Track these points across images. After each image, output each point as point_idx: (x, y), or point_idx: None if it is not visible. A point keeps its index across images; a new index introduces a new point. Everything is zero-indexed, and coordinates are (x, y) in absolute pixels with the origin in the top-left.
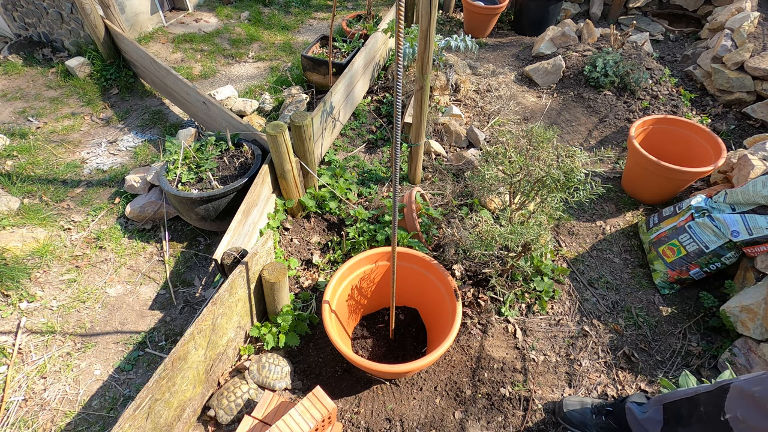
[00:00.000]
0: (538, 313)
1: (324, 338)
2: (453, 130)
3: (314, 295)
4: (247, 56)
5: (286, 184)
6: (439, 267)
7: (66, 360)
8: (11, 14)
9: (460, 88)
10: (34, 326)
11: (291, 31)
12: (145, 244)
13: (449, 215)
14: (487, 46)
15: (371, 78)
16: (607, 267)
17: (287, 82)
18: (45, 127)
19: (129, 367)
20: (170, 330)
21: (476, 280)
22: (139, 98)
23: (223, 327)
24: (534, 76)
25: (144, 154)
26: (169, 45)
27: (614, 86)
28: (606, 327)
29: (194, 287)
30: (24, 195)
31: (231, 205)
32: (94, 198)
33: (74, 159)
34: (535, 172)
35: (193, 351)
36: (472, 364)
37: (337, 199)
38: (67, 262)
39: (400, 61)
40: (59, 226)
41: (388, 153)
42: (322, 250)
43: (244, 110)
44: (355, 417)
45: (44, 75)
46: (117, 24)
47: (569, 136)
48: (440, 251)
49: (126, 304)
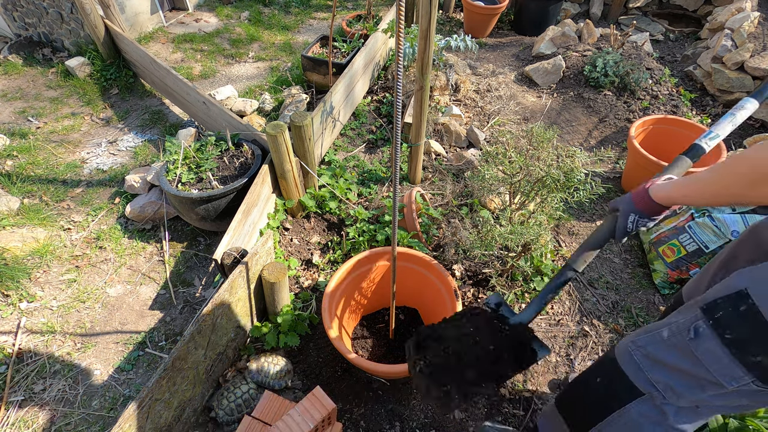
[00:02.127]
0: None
1: (324, 338)
2: (453, 130)
3: (314, 295)
4: (247, 56)
5: (286, 184)
6: (439, 267)
7: (66, 360)
8: (11, 14)
9: (460, 88)
10: (34, 326)
11: (291, 31)
12: (145, 244)
13: (449, 215)
14: (487, 46)
15: (371, 78)
16: (607, 267)
17: (287, 82)
18: (45, 127)
19: (129, 367)
20: (170, 330)
21: (476, 280)
22: (139, 98)
23: (223, 327)
24: (534, 76)
25: (144, 154)
26: (169, 45)
27: (614, 86)
28: (606, 327)
29: (194, 287)
30: (24, 195)
31: (231, 205)
32: (94, 198)
33: (74, 159)
34: (535, 172)
35: (194, 351)
36: None
37: (337, 199)
38: (67, 262)
39: (400, 61)
40: (59, 226)
41: (388, 153)
42: (322, 250)
43: (244, 110)
44: (355, 417)
45: (44, 75)
46: (117, 24)
47: (569, 136)
48: (440, 251)
49: (126, 304)
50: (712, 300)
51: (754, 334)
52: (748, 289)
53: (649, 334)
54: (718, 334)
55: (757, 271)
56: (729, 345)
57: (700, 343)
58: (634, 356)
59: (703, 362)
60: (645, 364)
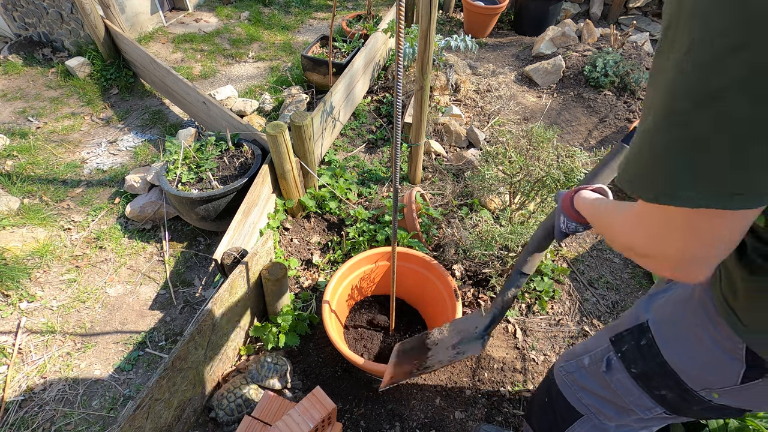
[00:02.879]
0: (538, 313)
1: (324, 338)
2: (453, 130)
3: (314, 295)
4: (247, 56)
5: (286, 184)
6: (439, 267)
7: (66, 360)
8: (11, 14)
9: (460, 88)
10: (34, 326)
11: (291, 31)
12: (145, 244)
13: (449, 215)
14: (487, 46)
15: (371, 78)
16: (607, 267)
17: (287, 82)
18: (45, 127)
19: (129, 367)
20: (170, 330)
21: (476, 280)
22: (139, 98)
23: (223, 327)
24: (534, 76)
25: (144, 154)
26: (169, 45)
27: (614, 86)
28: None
29: (194, 287)
30: (24, 195)
31: (231, 205)
32: (94, 198)
33: (74, 159)
34: (535, 172)
35: (194, 351)
36: (472, 364)
37: (337, 199)
38: (67, 262)
39: (400, 61)
40: (59, 226)
41: (388, 153)
42: (322, 250)
43: (244, 110)
44: (355, 417)
45: (44, 75)
46: (117, 24)
47: (569, 136)
48: (440, 251)
49: (126, 304)
50: (620, 332)
51: (654, 370)
52: (649, 322)
53: (575, 359)
54: (625, 367)
55: (658, 304)
56: (636, 378)
57: (612, 374)
58: (565, 380)
59: (619, 393)
60: (575, 389)
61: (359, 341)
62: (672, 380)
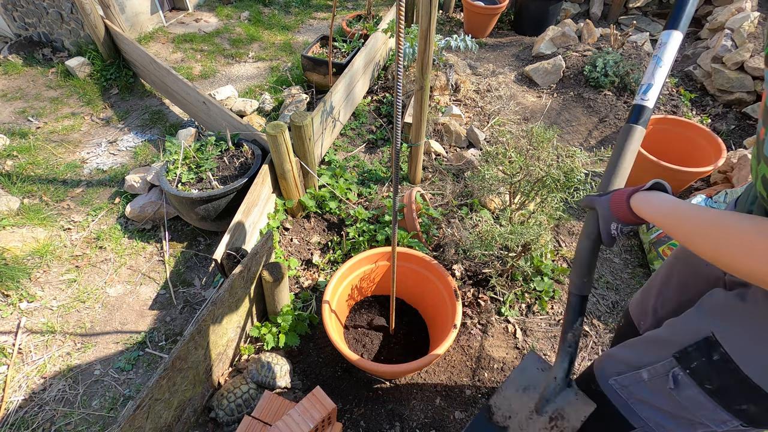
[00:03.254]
0: (538, 313)
1: (324, 338)
2: (453, 130)
3: (314, 295)
4: (247, 56)
5: (286, 184)
6: (439, 267)
7: (66, 360)
8: (11, 14)
9: (460, 88)
10: (34, 326)
11: (291, 31)
12: (145, 244)
13: (449, 215)
14: (487, 46)
15: (371, 78)
16: (607, 267)
17: (287, 82)
18: (45, 127)
19: (129, 367)
20: (170, 330)
21: (476, 280)
22: (139, 98)
23: (223, 327)
24: (534, 76)
25: (144, 154)
26: (169, 45)
27: (614, 86)
28: (606, 327)
29: (194, 287)
30: (24, 195)
31: (231, 205)
32: (94, 198)
33: (74, 159)
34: (535, 172)
35: (193, 351)
36: (472, 364)
37: (337, 199)
38: (67, 262)
39: (400, 61)
40: (59, 226)
41: (388, 153)
42: (322, 250)
43: (244, 110)
44: (355, 417)
45: (44, 75)
46: (117, 24)
47: (569, 136)
48: (440, 251)
49: (126, 304)
50: (683, 348)
51: (735, 386)
52: (715, 334)
53: (631, 373)
54: (697, 383)
55: (717, 311)
56: (712, 395)
57: (681, 390)
58: (620, 394)
59: (689, 408)
60: (632, 402)
61: (359, 341)
62: (757, 395)
